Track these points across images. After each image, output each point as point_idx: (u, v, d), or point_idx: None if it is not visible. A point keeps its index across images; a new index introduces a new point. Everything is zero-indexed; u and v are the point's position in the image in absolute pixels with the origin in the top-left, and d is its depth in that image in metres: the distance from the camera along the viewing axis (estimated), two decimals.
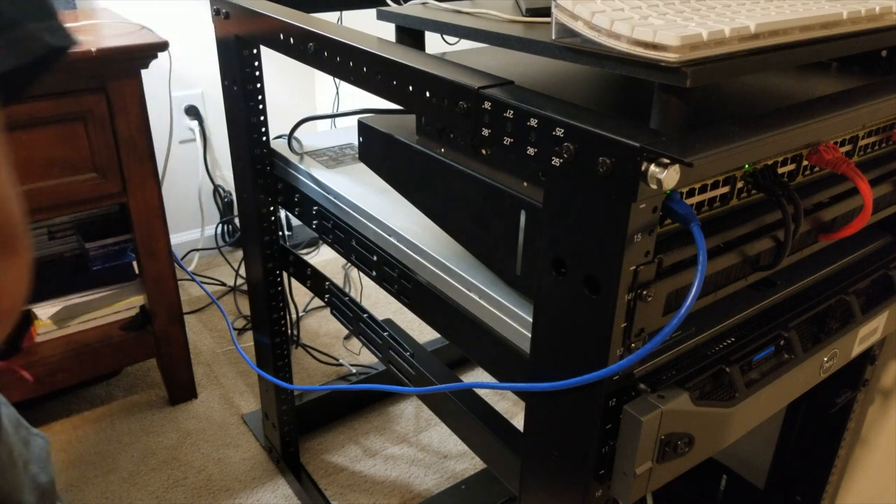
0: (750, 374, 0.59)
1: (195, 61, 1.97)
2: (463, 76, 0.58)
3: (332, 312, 0.98)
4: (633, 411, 0.52)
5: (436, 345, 1.67)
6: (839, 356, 0.69)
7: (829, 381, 0.74)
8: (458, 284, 0.70)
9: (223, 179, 2.14)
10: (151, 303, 1.42)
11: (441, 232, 0.71)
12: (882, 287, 0.74)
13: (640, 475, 0.54)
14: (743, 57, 0.49)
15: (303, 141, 1.06)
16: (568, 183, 0.49)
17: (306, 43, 0.76)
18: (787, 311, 0.66)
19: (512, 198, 0.59)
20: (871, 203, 0.62)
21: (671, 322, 0.48)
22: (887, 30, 0.60)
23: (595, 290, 0.50)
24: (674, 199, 0.49)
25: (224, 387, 1.61)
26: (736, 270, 0.60)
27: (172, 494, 1.31)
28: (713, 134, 0.48)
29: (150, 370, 1.65)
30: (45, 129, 1.19)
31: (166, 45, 1.22)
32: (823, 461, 1.01)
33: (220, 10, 0.94)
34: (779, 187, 0.58)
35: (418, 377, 0.81)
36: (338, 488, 1.34)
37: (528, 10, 0.66)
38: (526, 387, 0.58)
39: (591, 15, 0.49)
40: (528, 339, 0.60)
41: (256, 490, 1.33)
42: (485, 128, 0.56)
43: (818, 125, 0.53)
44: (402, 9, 0.75)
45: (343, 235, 0.89)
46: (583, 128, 0.47)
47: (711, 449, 0.58)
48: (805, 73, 0.74)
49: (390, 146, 0.73)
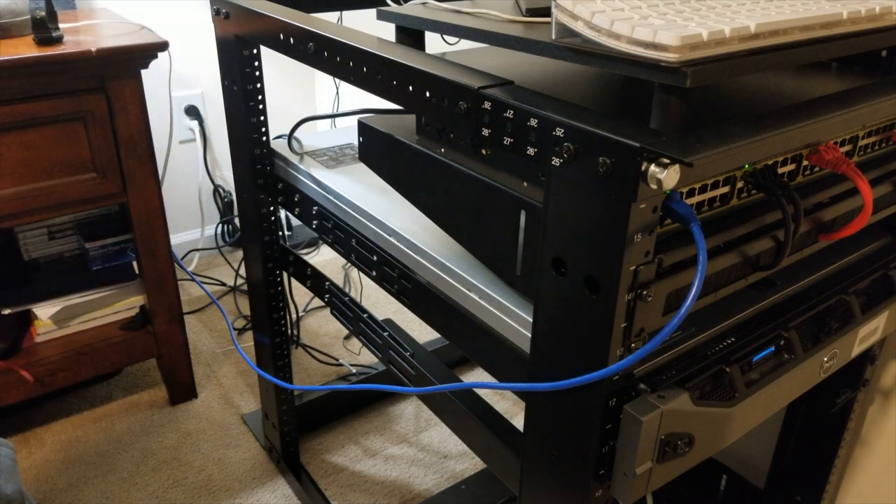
0: (750, 374, 0.59)
1: (195, 61, 1.97)
2: (463, 76, 0.58)
3: (332, 312, 0.98)
4: (633, 411, 0.52)
5: (436, 345, 1.67)
6: (839, 356, 0.69)
7: (829, 381, 0.74)
8: (458, 284, 0.70)
9: (223, 179, 2.14)
10: (151, 303, 1.42)
11: (441, 232, 0.71)
12: (882, 287, 0.74)
13: (640, 475, 0.54)
14: (743, 57, 0.49)
15: (303, 141, 1.06)
16: (568, 183, 0.49)
17: (306, 43, 0.76)
18: (787, 311, 0.66)
19: (512, 198, 0.59)
20: (871, 203, 0.62)
21: (671, 322, 0.48)
22: (887, 30, 0.60)
23: (595, 290, 0.50)
24: (674, 199, 0.49)
25: (224, 387, 1.61)
26: (736, 270, 0.60)
27: (172, 494, 1.31)
28: (713, 134, 0.48)
29: (150, 370, 1.65)
30: (45, 130, 1.19)
31: (166, 45, 1.22)
32: (823, 461, 1.01)
33: (220, 10, 0.94)
34: (779, 187, 0.58)
35: (418, 377, 0.81)
36: (338, 488, 1.35)
37: (528, 10, 0.66)
38: (526, 387, 0.58)
39: (591, 15, 0.49)
40: (528, 339, 0.60)
41: (256, 490, 1.33)
42: (485, 128, 0.56)
43: (818, 125, 0.53)
44: (402, 9, 0.75)
45: (343, 235, 0.89)
46: (583, 128, 0.47)
47: (711, 449, 0.58)
48: (805, 73, 0.74)
49: (390, 146, 0.73)
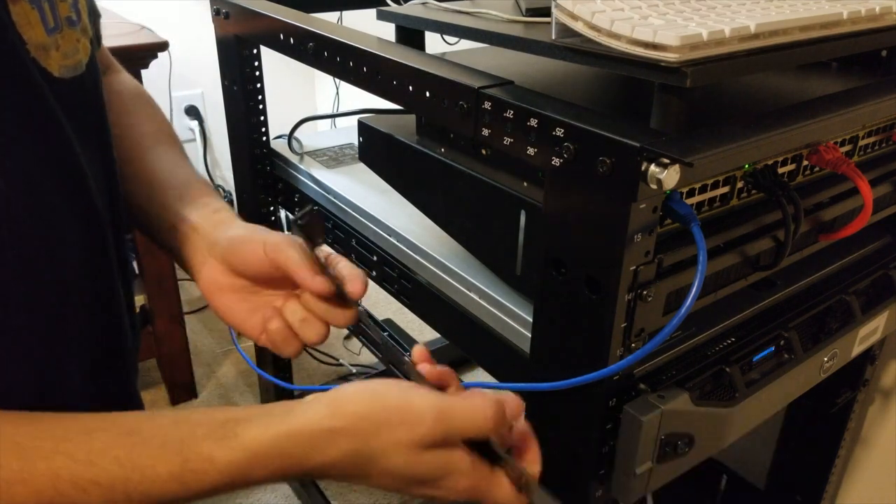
0: (750, 374, 0.59)
1: (195, 61, 1.97)
2: (463, 76, 0.58)
3: None
4: (633, 411, 0.52)
5: (436, 345, 1.67)
6: (839, 356, 0.69)
7: (829, 381, 0.74)
8: (458, 284, 0.70)
9: (223, 179, 2.14)
10: (151, 303, 1.42)
11: (441, 232, 0.71)
12: (882, 287, 0.74)
13: (640, 475, 0.54)
14: (743, 57, 0.49)
15: (303, 141, 1.06)
16: (568, 183, 0.49)
17: (306, 43, 0.76)
18: (787, 311, 0.66)
19: (512, 198, 0.59)
20: (871, 203, 0.62)
21: (671, 322, 0.48)
22: (887, 30, 0.60)
23: (595, 290, 0.50)
24: (674, 199, 0.49)
25: (224, 387, 1.61)
26: (736, 270, 0.60)
27: None
28: (713, 134, 0.47)
29: (150, 370, 1.65)
30: None
31: (166, 45, 1.22)
32: (823, 461, 1.01)
33: (220, 10, 0.94)
34: (779, 187, 0.58)
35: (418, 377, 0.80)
36: (338, 488, 1.35)
37: (528, 10, 0.66)
38: (526, 387, 0.58)
39: (591, 15, 0.49)
40: (528, 339, 0.60)
41: (256, 490, 1.33)
42: (485, 128, 0.56)
43: (818, 125, 0.53)
44: (402, 9, 0.75)
45: (343, 235, 0.89)
46: (583, 128, 0.47)
47: (711, 449, 0.58)
48: (805, 73, 0.74)
49: (390, 146, 0.73)
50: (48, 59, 0.44)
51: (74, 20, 0.47)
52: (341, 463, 0.41)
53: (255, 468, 0.39)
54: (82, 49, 0.48)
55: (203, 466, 0.38)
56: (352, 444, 0.40)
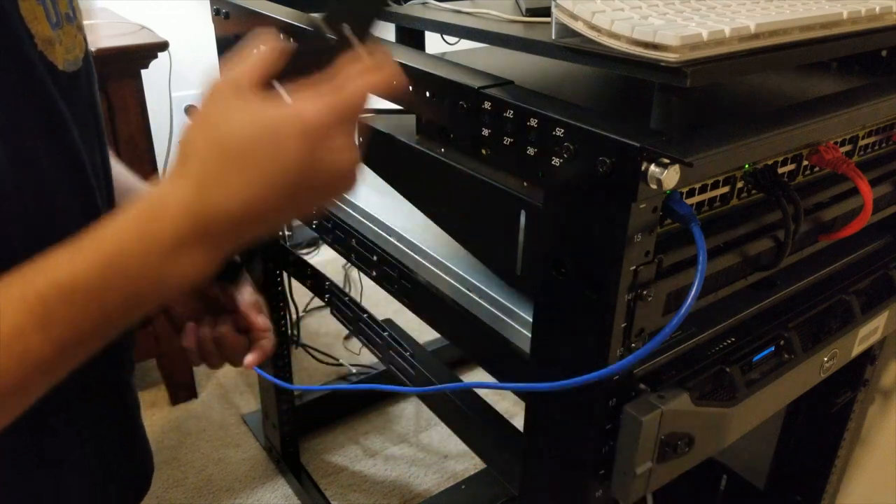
0: (750, 375, 0.59)
1: (195, 61, 1.97)
2: (463, 76, 0.58)
3: (332, 312, 0.98)
4: (633, 411, 0.52)
5: (436, 345, 1.66)
6: (839, 356, 0.69)
7: (829, 381, 0.74)
8: (458, 284, 0.70)
9: None
10: None
11: (441, 232, 0.71)
12: (882, 287, 0.74)
13: (640, 475, 0.54)
14: (743, 57, 0.49)
15: None
16: (568, 183, 0.49)
17: None
18: (787, 311, 0.66)
19: (512, 198, 0.59)
20: (871, 203, 0.62)
21: (671, 322, 0.48)
22: (887, 30, 0.60)
23: (595, 290, 0.50)
24: (674, 199, 0.49)
25: (224, 387, 1.61)
26: (736, 270, 0.60)
27: (172, 494, 1.31)
28: (713, 134, 0.48)
29: (150, 370, 1.65)
30: None
31: (166, 45, 1.22)
32: (823, 461, 1.01)
33: (220, 10, 0.94)
34: (779, 187, 0.58)
35: (418, 377, 0.81)
36: (338, 488, 1.35)
37: (528, 10, 0.66)
38: (526, 387, 0.58)
39: (591, 15, 0.49)
40: (528, 339, 0.60)
41: (256, 490, 1.33)
42: (485, 128, 0.56)
43: (818, 125, 0.53)
44: (402, 9, 0.75)
45: (343, 235, 0.89)
46: (583, 128, 0.47)
47: (711, 449, 0.58)
48: (805, 73, 0.74)
49: (390, 146, 0.73)
50: (53, 52, 0.44)
51: (72, 16, 0.48)
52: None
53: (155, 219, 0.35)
54: (79, 44, 0.49)
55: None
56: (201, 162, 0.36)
